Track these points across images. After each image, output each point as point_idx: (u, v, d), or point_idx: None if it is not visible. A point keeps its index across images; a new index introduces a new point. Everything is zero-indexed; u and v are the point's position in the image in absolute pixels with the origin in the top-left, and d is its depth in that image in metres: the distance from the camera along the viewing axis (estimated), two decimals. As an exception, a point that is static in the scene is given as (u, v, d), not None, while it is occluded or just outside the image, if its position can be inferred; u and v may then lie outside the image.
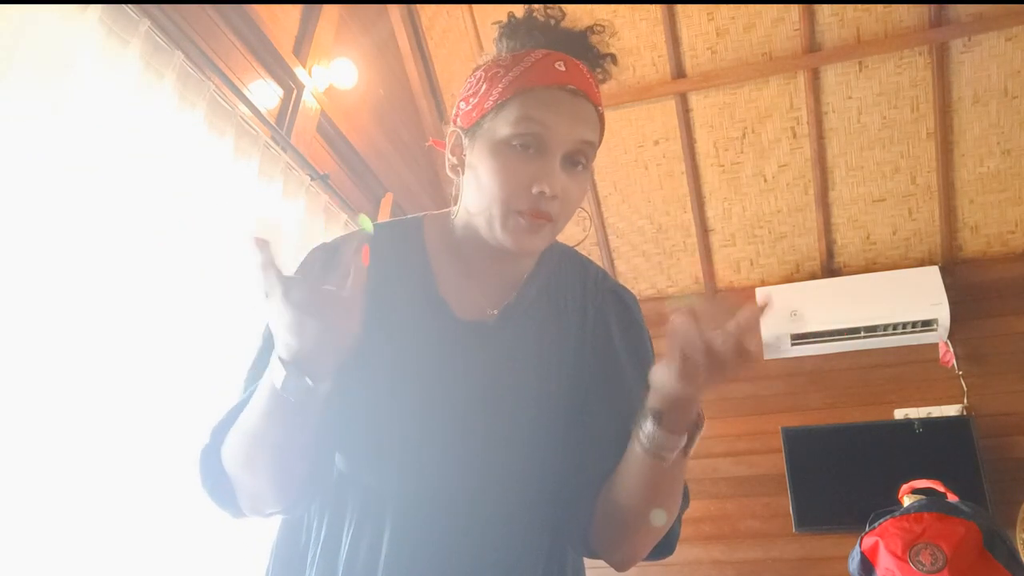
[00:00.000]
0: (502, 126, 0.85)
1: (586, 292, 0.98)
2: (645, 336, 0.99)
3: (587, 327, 0.95)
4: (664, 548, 0.91)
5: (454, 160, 0.92)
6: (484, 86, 0.88)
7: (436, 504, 0.85)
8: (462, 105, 0.91)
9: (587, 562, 0.98)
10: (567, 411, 0.92)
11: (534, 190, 0.83)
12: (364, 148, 3.25)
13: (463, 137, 0.90)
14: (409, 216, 1.02)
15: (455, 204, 0.95)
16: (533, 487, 0.89)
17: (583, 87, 0.87)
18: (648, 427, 0.77)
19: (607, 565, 0.92)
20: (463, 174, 0.91)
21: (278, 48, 2.69)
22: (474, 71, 0.92)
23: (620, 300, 0.99)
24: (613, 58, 0.93)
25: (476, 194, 0.87)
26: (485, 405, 0.89)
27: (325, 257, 0.77)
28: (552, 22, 0.92)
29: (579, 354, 0.94)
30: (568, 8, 0.95)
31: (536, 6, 0.93)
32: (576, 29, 0.92)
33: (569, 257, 1.02)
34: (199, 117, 2.09)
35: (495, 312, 0.93)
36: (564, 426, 0.91)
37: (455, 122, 0.93)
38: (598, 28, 0.93)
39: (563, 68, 0.87)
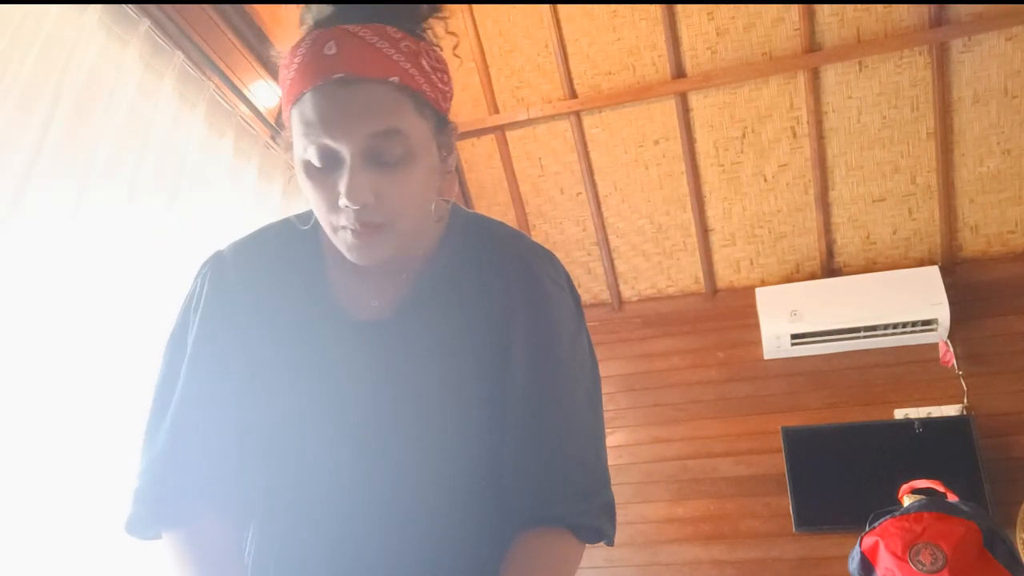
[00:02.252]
0: (296, 141, 0.78)
1: (492, 266, 0.89)
2: (554, 306, 0.89)
3: (493, 302, 0.87)
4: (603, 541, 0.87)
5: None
6: (283, 88, 0.79)
7: (344, 513, 0.83)
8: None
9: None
10: (480, 398, 0.86)
11: (340, 204, 0.76)
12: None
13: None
14: (305, 212, 0.94)
15: None
16: (448, 480, 0.84)
17: (358, 67, 0.73)
18: None
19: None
20: None
21: (278, 48, 2.69)
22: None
23: (526, 267, 0.89)
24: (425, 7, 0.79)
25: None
26: (385, 406, 0.84)
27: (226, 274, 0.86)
28: None
29: (489, 335, 0.87)
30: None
31: None
32: None
33: (476, 228, 0.92)
34: (199, 117, 2.09)
35: (390, 308, 0.87)
36: (479, 414, 0.86)
37: None
38: None
39: (333, 51, 0.73)
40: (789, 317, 3.61)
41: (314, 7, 0.78)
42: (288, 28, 2.84)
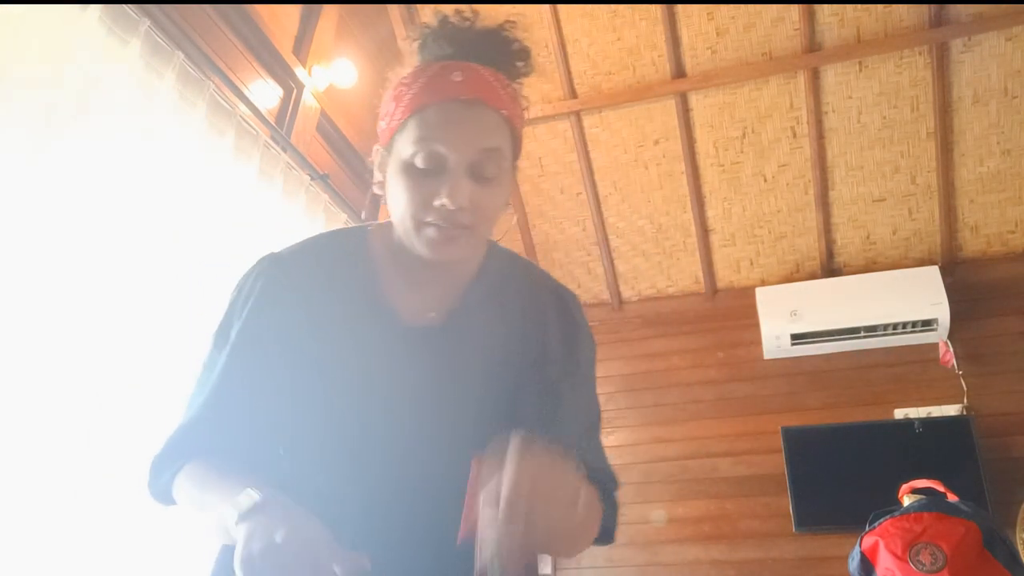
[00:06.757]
0: (404, 146, 0.86)
1: (529, 293, 1.01)
2: (583, 336, 1.01)
3: (527, 326, 0.98)
4: (604, 537, 0.91)
5: (380, 177, 0.93)
6: (392, 105, 0.89)
7: (386, 507, 0.87)
8: (380, 124, 0.92)
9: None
10: (507, 412, 0.93)
11: (435, 203, 0.84)
12: (364, 148, 3.25)
13: (384, 155, 0.91)
14: (354, 226, 1.05)
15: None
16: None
17: (481, 94, 0.86)
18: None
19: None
20: (385, 190, 0.92)
21: (278, 48, 2.69)
22: (389, 89, 0.92)
23: (560, 300, 1.02)
24: (524, 54, 0.92)
25: (393, 209, 0.90)
26: (433, 408, 0.91)
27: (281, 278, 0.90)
28: (465, 24, 0.90)
29: (522, 354, 0.96)
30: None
31: (453, 7, 0.91)
32: (486, 29, 0.90)
33: (514, 261, 1.05)
34: (199, 117, 2.09)
35: (440, 316, 0.95)
36: (502, 424, 0.90)
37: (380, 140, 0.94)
38: (508, 25, 0.91)
39: (460, 78, 0.86)
40: (789, 317, 3.61)
41: (432, 46, 0.89)
42: (287, 28, 2.84)
